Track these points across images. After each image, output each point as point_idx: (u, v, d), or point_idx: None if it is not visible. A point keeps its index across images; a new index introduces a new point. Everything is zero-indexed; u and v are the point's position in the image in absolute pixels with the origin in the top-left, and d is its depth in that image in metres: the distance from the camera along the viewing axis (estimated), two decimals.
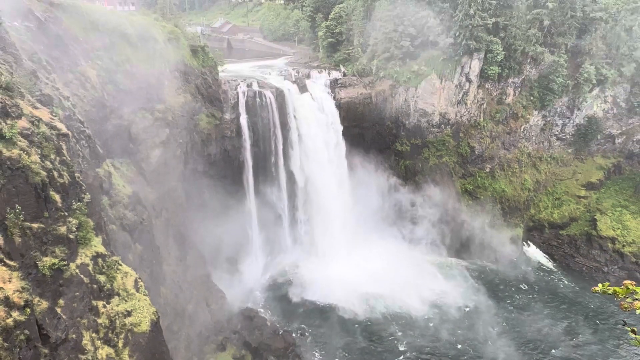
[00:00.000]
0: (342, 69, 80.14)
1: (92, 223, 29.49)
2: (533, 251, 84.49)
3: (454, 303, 68.60)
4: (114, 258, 31.76)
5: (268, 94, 68.73)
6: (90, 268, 28.56)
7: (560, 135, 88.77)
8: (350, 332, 62.84)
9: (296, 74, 76.18)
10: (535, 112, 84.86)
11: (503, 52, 76.00)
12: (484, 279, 75.28)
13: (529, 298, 71.65)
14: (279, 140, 71.29)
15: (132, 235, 40.90)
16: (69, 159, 29.04)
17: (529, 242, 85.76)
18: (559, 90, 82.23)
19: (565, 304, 70.51)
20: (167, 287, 47.55)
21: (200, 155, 64.82)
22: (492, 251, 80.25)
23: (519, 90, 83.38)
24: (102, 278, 29.65)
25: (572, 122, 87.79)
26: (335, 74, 79.14)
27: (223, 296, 60.85)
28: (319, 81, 76.93)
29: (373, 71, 79.83)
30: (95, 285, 28.82)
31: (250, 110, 68.63)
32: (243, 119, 68.49)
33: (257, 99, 68.51)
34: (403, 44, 76.04)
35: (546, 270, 79.95)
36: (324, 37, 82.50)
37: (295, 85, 72.48)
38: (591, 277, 76.93)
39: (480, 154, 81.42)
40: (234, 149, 69.55)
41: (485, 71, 77.49)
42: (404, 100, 78.86)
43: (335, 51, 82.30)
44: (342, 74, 79.60)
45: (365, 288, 69.53)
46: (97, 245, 29.93)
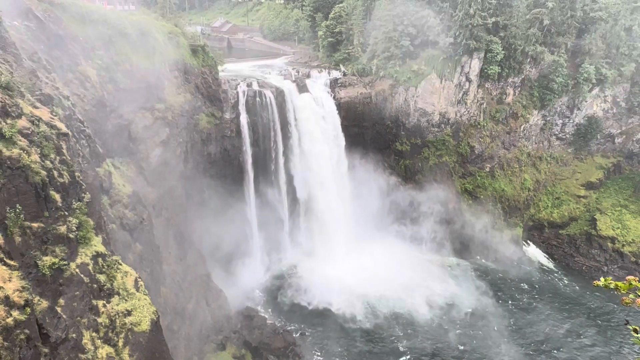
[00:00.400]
0: (342, 69, 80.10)
1: (92, 222, 29.48)
2: (533, 251, 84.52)
3: (455, 303, 68.56)
4: (114, 257, 31.76)
5: (268, 93, 68.72)
6: (90, 267, 28.56)
7: (560, 135, 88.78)
8: (350, 332, 62.81)
9: (296, 73, 76.14)
10: (535, 112, 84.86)
11: (503, 52, 76.03)
12: (484, 279, 75.27)
13: (530, 298, 71.64)
14: (279, 139, 71.30)
15: (132, 234, 40.90)
16: (69, 158, 29.02)
17: (529, 242, 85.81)
18: (558, 90, 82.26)
19: (566, 304, 70.53)
20: (167, 286, 47.56)
21: (200, 155, 64.83)
22: (492, 251, 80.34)
23: (519, 89, 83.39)
24: (102, 277, 29.65)
25: (572, 121, 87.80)
26: (335, 74, 79.11)
27: (223, 295, 60.86)
28: (319, 81, 76.90)
29: (373, 71, 79.80)
30: (95, 285, 28.82)
31: (250, 109, 68.63)
32: (243, 119, 68.49)
33: (257, 99, 68.51)
34: (403, 43, 76.05)
35: (546, 269, 80.00)
36: (324, 36, 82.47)
37: (295, 85, 72.44)
38: (591, 276, 76.98)
39: (480, 154, 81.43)
40: (234, 148, 69.56)
41: (485, 71, 77.53)
42: (403, 99, 78.87)
43: (335, 51, 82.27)
44: (342, 74, 79.56)
45: (365, 288, 69.49)
46: (97, 244, 29.93)
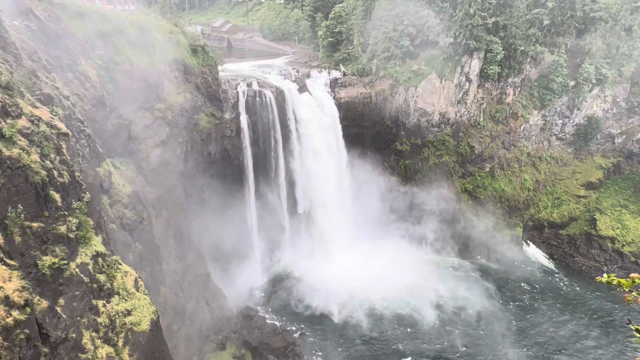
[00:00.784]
0: (342, 69, 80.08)
1: (92, 222, 29.46)
2: (533, 251, 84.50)
3: (456, 304, 68.49)
4: (114, 257, 31.73)
5: (268, 93, 68.70)
6: (90, 267, 28.55)
7: (560, 135, 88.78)
8: (351, 333, 62.73)
9: (296, 73, 76.13)
10: (535, 112, 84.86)
11: (503, 52, 76.03)
12: (485, 279, 75.17)
13: (531, 299, 71.53)
14: (279, 139, 71.27)
15: (132, 234, 40.89)
16: (69, 158, 29.01)
17: (529, 242, 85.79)
18: (558, 90, 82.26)
19: (567, 305, 70.36)
20: (167, 286, 47.56)
21: (200, 155, 64.81)
22: (492, 251, 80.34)
23: (519, 89, 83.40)
24: (102, 277, 29.63)
25: (571, 121, 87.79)
26: (335, 74, 79.10)
27: (223, 295, 60.87)
28: (319, 81, 76.89)
29: (373, 71, 79.79)
30: (95, 285, 28.81)
31: (250, 109, 68.61)
32: (243, 119, 68.47)
33: (257, 99, 68.49)
34: (403, 43, 76.04)
35: (546, 270, 79.96)
36: (323, 36, 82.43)
37: (295, 85, 72.42)
38: (591, 276, 76.93)
39: (480, 154, 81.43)
40: (234, 148, 69.55)
41: (485, 71, 77.53)
42: (403, 99, 78.86)
43: (335, 51, 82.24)
44: (342, 74, 79.55)
45: (365, 288, 69.41)
46: (97, 244, 29.91)
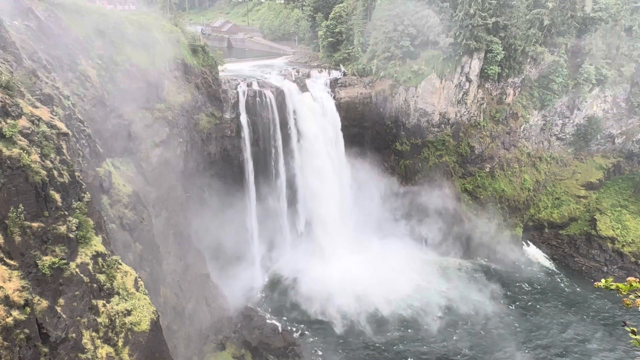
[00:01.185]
0: (342, 69, 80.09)
1: (92, 222, 29.48)
2: (533, 251, 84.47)
3: (457, 304, 68.44)
4: (114, 257, 31.75)
5: (268, 93, 68.71)
6: (90, 267, 28.57)
7: (560, 135, 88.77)
8: (351, 333, 62.66)
9: (296, 73, 76.13)
10: (535, 112, 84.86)
11: (503, 52, 76.02)
12: (486, 280, 75.12)
13: (532, 299, 71.43)
14: (279, 139, 71.28)
15: (132, 234, 40.90)
16: (69, 158, 29.04)
17: (529, 242, 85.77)
18: (558, 90, 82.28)
19: (569, 306, 70.20)
20: (167, 286, 47.57)
21: (200, 155, 64.82)
22: (492, 251, 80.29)
23: (519, 90, 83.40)
24: (102, 277, 29.66)
25: (571, 122, 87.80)
26: (335, 74, 79.08)
27: (223, 295, 60.88)
28: (319, 81, 76.88)
29: (373, 71, 79.79)
30: (95, 285, 28.83)
31: (250, 109, 68.61)
32: (243, 119, 68.48)
33: (257, 99, 68.50)
34: (403, 43, 76.01)
35: (547, 270, 79.91)
36: (324, 36, 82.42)
37: (295, 85, 72.44)
38: (591, 276, 76.93)
39: (480, 154, 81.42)
40: (234, 148, 69.56)
41: (485, 71, 77.52)
42: (403, 99, 78.86)
43: (335, 51, 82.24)
44: (342, 74, 79.54)
45: (366, 289, 69.36)
46: (97, 244, 29.93)
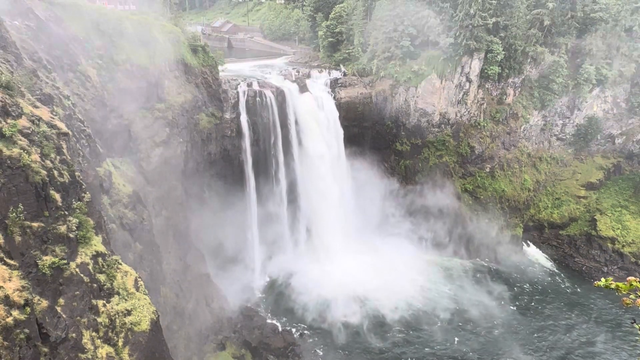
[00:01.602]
0: (343, 69, 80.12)
1: (92, 222, 29.46)
2: (533, 251, 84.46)
3: (458, 305, 68.47)
4: (114, 257, 31.74)
5: (268, 93, 68.72)
6: (90, 267, 28.56)
7: (560, 136, 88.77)
8: (351, 333, 62.63)
9: (296, 73, 76.15)
10: (535, 112, 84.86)
11: (503, 52, 76.00)
12: (486, 280, 75.14)
13: (534, 300, 71.40)
14: (279, 139, 71.28)
15: (132, 234, 40.90)
16: (69, 158, 29.04)
17: (529, 242, 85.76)
18: (559, 91, 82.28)
19: (571, 306, 70.11)
20: (167, 286, 47.57)
21: (200, 155, 64.82)
22: (492, 251, 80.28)
23: (519, 90, 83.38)
24: (102, 277, 29.65)
25: (572, 122, 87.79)
26: (336, 74, 79.12)
27: (223, 295, 60.86)
28: (319, 81, 76.90)
29: (373, 71, 79.79)
30: (95, 285, 28.82)
31: (250, 109, 68.63)
32: (243, 119, 68.50)
33: (258, 99, 68.51)
34: (403, 43, 76.00)
35: (547, 270, 79.86)
36: (324, 36, 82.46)
37: (295, 85, 72.45)
38: (591, 277, 76.93)
39: (480, 154, 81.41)
40: (234, 148, 69.57)
41: (486, 71, 77.49)
42: (404, 100, 78.85)
43: (336, 51, 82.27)
44: (343, 74, 79.58)
45: (366, 289, 69.42)
46: (97, 244, 29.92)
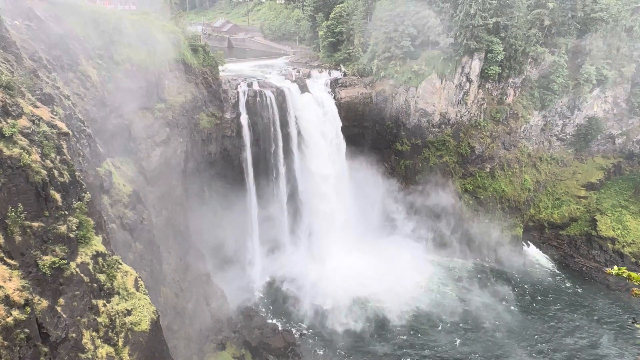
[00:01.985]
0: (343, 69, 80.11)
1: (92, 222, 29.46)
2: (533, 251, 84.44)
3: (459, 305, 68.42)
4: (114, 257, 31.74)
5: (268, 93, 68.74)
6: (90, 267, 28.56)
7: (561, 136, 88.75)
8: (352, 334, 62.65)
9: (297, 73, 76.17)
10: (536, 112, 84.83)
11: (503, 52, 75.97)
12: (487, 280, 75.13)
13: (535, 300, 71.31)
14: (279, 139, 71.29)
15: (132, 234, 40.91)
16: (70, 158, 29.02)
17: (529, 242, 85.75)
18: (559, 91, 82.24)
19: (572, 307, 70.01)
20: (167, 286, 47.58)
21: (200, 155, 64.84)
22: (492, 251, 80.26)
23: (519, 90, 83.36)
24: (102, 277, 29.64)
25: (572, 122, 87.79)
26: (336, 74, 79.12)
27: (223, 295, 60.86)
28: (320, 81, 76.92)
29: (373, 71, 79.79)
30: (95, 284, 28.82)
31: (250, 109, 68.64)
32: (243, 119, 68.51)
33: (258, 99, 68.53)
34: (403, 43, 75.97)
35: (547, 270, 79.85)
36: (324, 36, 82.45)
37: (295, 85, 72.45)
38: (591, 277, 76.97)
39: (480, 154, 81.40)
40: (234, 148, 69.57)
41: (486, 71, 77.46)
42: (404, 100, 78.85)
43: (336, 51, 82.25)
44: (343, 74, 79.57)
45: (366, 289, 69.45)
46: (97, 244, 29.91)
